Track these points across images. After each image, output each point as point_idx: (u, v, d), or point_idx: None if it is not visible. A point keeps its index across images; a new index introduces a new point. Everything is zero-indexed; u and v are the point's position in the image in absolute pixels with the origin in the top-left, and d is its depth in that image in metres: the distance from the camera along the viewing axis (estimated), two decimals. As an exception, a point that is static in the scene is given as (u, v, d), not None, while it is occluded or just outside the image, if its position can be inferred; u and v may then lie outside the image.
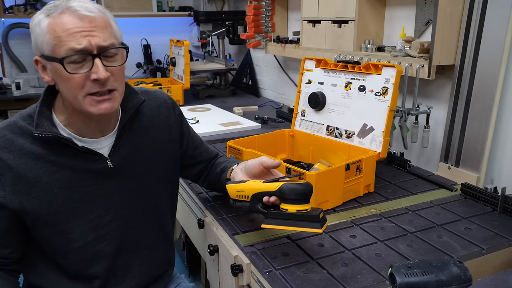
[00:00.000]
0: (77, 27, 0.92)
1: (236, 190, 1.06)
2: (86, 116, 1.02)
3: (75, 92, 0.96)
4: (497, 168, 1.50)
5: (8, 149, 0.98)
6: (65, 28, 0.92)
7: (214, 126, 2.19)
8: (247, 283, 1.11)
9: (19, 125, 1.01)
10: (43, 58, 0.97)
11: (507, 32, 1.35)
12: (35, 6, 3.63)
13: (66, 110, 1.03)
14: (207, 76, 3.65)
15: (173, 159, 1.24)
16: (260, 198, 1.04)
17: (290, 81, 2.80)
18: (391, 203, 1.35)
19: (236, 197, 1.06)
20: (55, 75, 0.97)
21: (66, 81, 0.95)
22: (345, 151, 1.50)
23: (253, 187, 1.04)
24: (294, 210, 0.99)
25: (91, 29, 0.93)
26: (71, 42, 0.92)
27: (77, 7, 0.93)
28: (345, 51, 1.92)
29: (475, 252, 1.07)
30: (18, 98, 3.24)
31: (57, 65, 0.94)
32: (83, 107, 0.97)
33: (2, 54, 3.66)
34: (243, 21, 3.12)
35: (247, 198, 1.05)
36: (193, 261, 2.25)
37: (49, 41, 0.93)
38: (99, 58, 0.94)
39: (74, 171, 1.03)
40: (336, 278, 0.97)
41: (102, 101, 0.97)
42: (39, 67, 1.00)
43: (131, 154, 1.11)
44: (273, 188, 1.02)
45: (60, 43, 0.92)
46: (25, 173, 0.99)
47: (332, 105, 1.56)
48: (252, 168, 1.13)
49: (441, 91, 1.70)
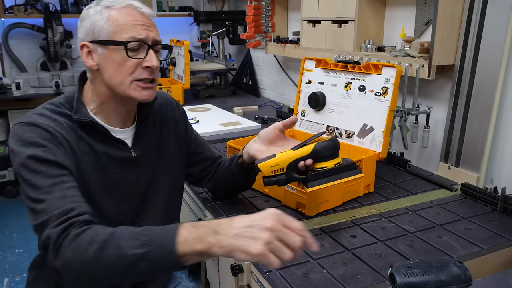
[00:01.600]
0: (138, 20, 1.04)
1: (270, 166, 1.05)
2: (119, 104, 1.08)
3: (123, 76, 1.03)
4: (497, 168, 1.50)
5: (60, 126, 1.02)
6: (128, 19, 1.03)
7: (214, 126, 2.19)
8: (247, 283, 1.11)
9: (57, 110, 1.05)
10: (96, 43, 1.03)
11: (507, 32, 1.35)
12: (35, 6, 3.63)
13: (98, 98, 1.08)
14: (207, 76, 3.65)
15: (181, 155, 1.28)
16: (295, 165, 1.05)
17: (290, 81, 2.80)
18: (391, 203, 1.35)
19: (271, 173, 1.05)
20: (105, 59, 1.03)
21: (118, 65, 1.02)
22: (345, 151, 1.50)
23: (286, 157, 1.05)
24: (332, 165, 1.04)
25: (148, 25, 1.05)
26: (132, 32, 1.02)
27: (137, 4, 1.06)
28: (345, 51, 1.92)
29: (475, 252, 1.07)
30: (18, 98, 3.23)
31: (113, 49, 1.02)
32: (127, 92, 1.04)
33: (2, 54, 3.66)
34: (243, 21, 3.12)
35: (283, 170, 1.05)
36: (193, 261, 2.25)
37: (109, 29, 1.02)
38: (152, 50, 1.05)
39: (106, 156, 1.07)
40: (336, 278, 0.97)
41: (146, 88, 1.06)
42: (84, 52, 1.05)
43: (148, 147, 1.17)
44: (306, 151, 1.04)
45: (122, 31, 1.02)
46: (75, 149, 1.02)
47: (332, 105, 1.56)
48: (267, 134, 1.18)
49: (441, 91, 1.70)
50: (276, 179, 1.06)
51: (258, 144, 1.19)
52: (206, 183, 1.37)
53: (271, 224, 0.78)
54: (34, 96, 3.28)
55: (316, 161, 1.05)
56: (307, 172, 1.06)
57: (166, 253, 0.80)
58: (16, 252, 2.76)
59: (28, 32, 3.70)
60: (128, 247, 0.81)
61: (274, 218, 0.80)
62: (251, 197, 1.40)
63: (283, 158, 1.05)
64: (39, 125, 0.99)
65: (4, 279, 2.48)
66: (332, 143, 1.05)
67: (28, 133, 0.98)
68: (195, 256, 0.81)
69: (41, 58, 3.76)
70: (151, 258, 0.81)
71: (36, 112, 1.04)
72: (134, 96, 1.05)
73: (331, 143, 1.05)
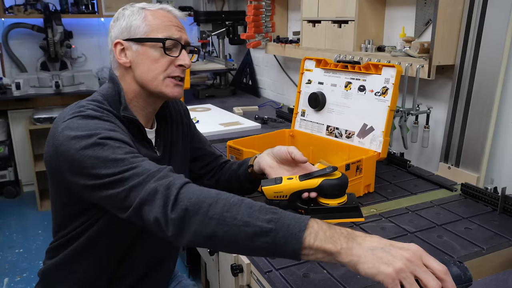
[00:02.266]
0: (173, 22, 1.10)
1: (274, 192, 1.05)
2: (147, 103, 1.12)
3: (157, 72, 1.08)
4: (497, 168, 1.50)
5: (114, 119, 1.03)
6: (164, 20, 1.09)
7: (214, 126, 2.19)
8: (247, 283, 1.11)
9: (104, 107, 1.04)
10: (131, 41, 1.07)
11: (507, 32, 1.35)
12: (35, 6, 3.62)
13: (126, 95, 1.10)
14: (207, 76, 3.65)
15: (186, 150, 1.30)
16: (299, 195, 1.05)
17: (290, 81, 2.80)
18: (391, 203, 1.35)
19: (274, 197, 1.06)
20: (139, 56, 1.07)
21: (153, 61, 1.07)
22: (345, 151, 1.50)
23: (292, 187, 1.05)
24: (335, 204, 1.03)
25: (182, 28, 1.12)
26: (168, 32, 1.08)
27: (170, 8, 1.13)
28: (345, 51, 1.92)
29: (475, 252, 1.07)
30: (18, 98, 3.23)
31: (150, 46, 1.06)
32: (159, 87, 1.08)
33: (2, 54, 3.66)
34: (243, 21, 3.12)
35: (286, 197, 1.05)
36: (193, 261, 2.25)
37: (146, 28, 1.07)
38: (185, 50, 1.11)
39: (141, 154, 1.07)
40: (336, 278, 0.97)
41: (177, 85, 1.11)
42: (118, 49, 1.09)
43: (165, 145, 1.20)
44: (313, 185, 1.03)
45: (158, 30, 1.07)
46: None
47: (332, 105, 1.56)
48: (280, 154, 1.18)
49: (441, 91, 1.70)
50: (278, 203, 1.06)
51: (271, 159, 1.20)
52: (207, 181, 1.37)
53: (409, 255, 0.71)
54: (34, 96, 3.29)
55: (322, 195, 1.04)
56: (310, 203, 1.05)
57: (292, 238, 0.75)
58: (16, 252, 2.75)
59: (28, 32, 3.70)
60: (256, 217, 0.77)
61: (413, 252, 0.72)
62: (251, 197, 1.40)
63: (288, 186, 1.05)
64: (99, 117, 0.98)
65: (4, 279, 2.48)
66: (340, 183, 1.03)
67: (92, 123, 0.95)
68: (320, 254, 0.76)
69: (41, 58, 3.76)
70: (275, 236, 0.76)
71: (84, 107, 1.01)
72: (166, 92, 1.09)
73: (339, 183, 1.03)
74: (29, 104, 3.33)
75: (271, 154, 1.21)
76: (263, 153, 1.23)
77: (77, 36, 3.88)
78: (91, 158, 0.90)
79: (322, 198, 1.04)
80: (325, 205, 1.04)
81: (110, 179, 0.88)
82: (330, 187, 1.03)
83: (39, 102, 3.35)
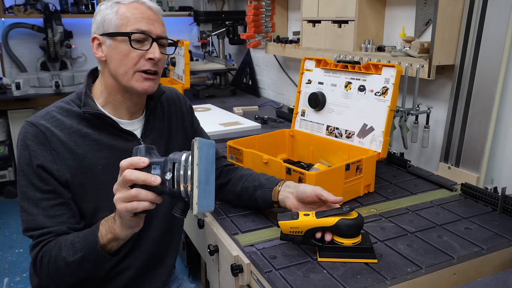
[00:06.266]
0: (144, 14, 1.09)
1: (290, 227, 1.05)
2: (125, 97, 1.13)
3: (127, 67, 1.08)
4: (497, 168, 1.50)
5: (60, 128, 1.08)
6: (134, 12, 1.08)
7: (214, 126, 2.19)
8: (247, 283, 1.11)
9: (66, 108, 1.11)
10: (105, 36, 1.09)
11: (507, 32, 1.35)
12: (35, 6, 3.63)
13: (106, 89, 1.13)
14: (207, 76, 3.65)
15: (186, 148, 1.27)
16: (314, 232, 1.05)
17: (290, 81, 2.80)
18: (391, 203, 1.35)
19: (290, 232, 1.06)
20: (112, 51, 1.09)
21: (123, 55, 1.08)
22: (345, 151, 1.50)
23: (308, 223, 1.04)
24: (350, 244, 1.04)
25: (154, 20, 1.11)
26: (137, 24, 1.08)
27: (145, 1, 1.12)
28: (345, 51, 1.92)
29: (475, 252, 1.07)
30: (18, 98, 3.23)
31: (120, 40, 1.07)
32: (130, 82, 1.09)
33: (2, 54, 3.66)
34: (243, 21, 3.12)
35: (301, 233, 1.05)
36: (193, 261, 2.25)
37: (117, 21, 1.08)
38: (156, 43, 1.10)
39: (114, 149, 1.12)
40: (336, 278, 0.97)
41: (148, 79, 1.11)
42: (95, 44, 1.12)
43: (156, 137, 1.22)
44: (329, 223, 1.03)
45: (128, 23, 1.07)
46: (75, 149, 1.08)
47: (332, 105, 1.56)
48: (306, 197, 1.13)
49: (441, 91, 1.70)
50: (293, 238, 1.06)
51: (296, 201, 1.15)
52: None
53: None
54: (34, 96, 3.29)
55: (337, 234, 1.05)
56: (324, 240, 1.06)
57: (95, 250, 0.98)
58: (16, 252, 2.76)
59: (28, 32, 3.70)
60: (68, 256, 0.99)
61: None
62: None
63: (305, 223, 1.05)
64: (38, 126, 1.06)
65: (4, 279, 2.48)
66: (356, 223, 1.04)
67: (28, 134, 1.06)
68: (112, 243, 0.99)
69: (41, 58, 3.76)
70: (88, 257, 0.99)
71: (44, 111, 1.10)
72: (135, 87, 1.09)
73: (355, 223, 1.04)
74: (29, 104, 3.33)
75: (296, 194, 1.15)
76: (285, 190, 1.18)
77: (77, 36, 3.88)
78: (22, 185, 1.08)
79: (337, 237, 1.05)
80: (339, 243, 1.05)
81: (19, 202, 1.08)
82: (346, 227, 1.03)
83: (39, 102, 3.35)
